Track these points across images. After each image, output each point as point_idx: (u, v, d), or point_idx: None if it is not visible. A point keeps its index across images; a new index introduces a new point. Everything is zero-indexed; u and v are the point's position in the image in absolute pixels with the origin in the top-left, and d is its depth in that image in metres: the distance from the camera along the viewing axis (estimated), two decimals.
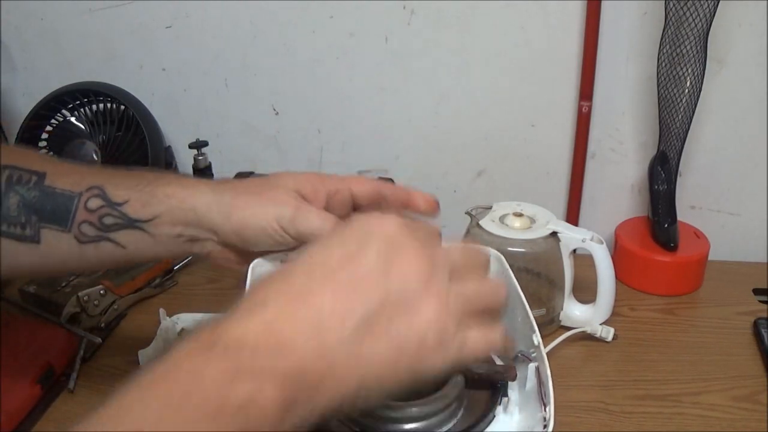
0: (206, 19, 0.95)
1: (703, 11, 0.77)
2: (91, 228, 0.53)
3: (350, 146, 1.00)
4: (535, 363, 0.51)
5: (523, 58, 0.92)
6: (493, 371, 0.50)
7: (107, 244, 0.54)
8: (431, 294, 0.39)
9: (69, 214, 0.53)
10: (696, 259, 0.88)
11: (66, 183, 0.53)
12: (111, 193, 0.53)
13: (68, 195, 0.53)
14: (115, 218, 0.53)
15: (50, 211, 0.53)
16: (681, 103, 0.83)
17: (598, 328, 0.77)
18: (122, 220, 0.53)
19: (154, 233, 0.53)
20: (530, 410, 0.50)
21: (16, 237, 0.53)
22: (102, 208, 0.53)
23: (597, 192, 0.98)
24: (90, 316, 0.77)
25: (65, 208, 0.53)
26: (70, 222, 0.53)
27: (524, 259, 0.76)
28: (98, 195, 0.53)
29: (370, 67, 0.95)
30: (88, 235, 0.53)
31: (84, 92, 0.91)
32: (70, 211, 0.53)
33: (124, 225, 0.53)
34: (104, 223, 0.53)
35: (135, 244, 0.54)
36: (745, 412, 0.68)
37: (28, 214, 0.53)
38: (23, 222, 0.53)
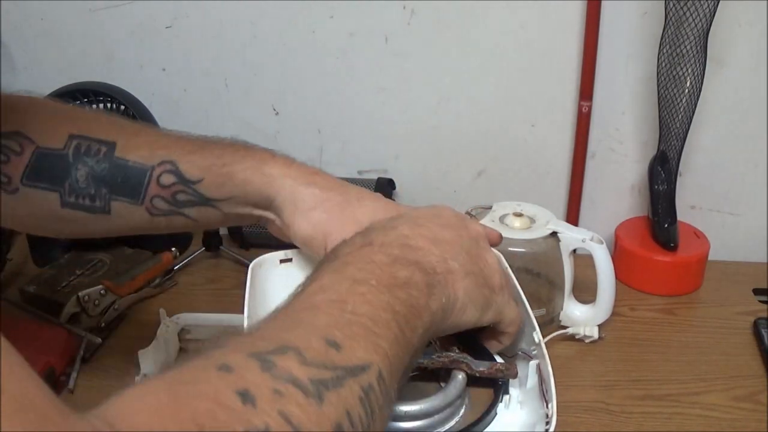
0: (206, 19, 0.95)
1: (703, 11, 0.77)
2: (163, 203, 0.53)
3: (350, 146, 1.00)
4: (536, 360, 0.51)
5: (523, 58, 0.92)
6: (494, 369, 0.50)
7: (179, 218, 0.54)
8: (489, 251, 0.51)
9: (141, 187, 0.52)
10: (696, 259, 0.88)
11: (137, 155, 0.52)
12: (184, 170, 0.52)
13: (140, 168, 0.52)
14: (188, 195, 0.53)
15: (121, 184, 0.52)
16: (681, 103, 0.83)
17: (581, 329, 0.77)
18: (195, 198, 0.53)
19: (225, 210, 0.54)
20: (532, 407, 0.50)
21: (85, 208, 0.52)
22: (175, 185, 0.52)
23: (597, 192, 0.98)
24: (90, 316, 0.77)
25: (137, 182, 0.52)
26: (141, 196, 0.52)
27: (524, 259, 0.76)
28: (171, 171, 0.52)
29: (370, 67, 0.95)
30: (160, 209, 0.53)
31: (84, 92, 0.91)
32: (142, 184, 0.52)
33: (197, 202, 0.53)
34: (177, 200, 0.53)
35: (205, 217, 0.54)
36: (745, 412, 0.68)
37: (98, 187, 0.52)
38: (92, 194, 0.52)
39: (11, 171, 0.52)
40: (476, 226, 0.52)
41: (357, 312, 0.37)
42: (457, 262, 0.46)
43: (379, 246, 0.43)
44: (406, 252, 0.44)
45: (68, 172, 0.52)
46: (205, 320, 0.80)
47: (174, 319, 0.78)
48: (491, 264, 0.50)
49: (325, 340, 0.34)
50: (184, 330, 0.78)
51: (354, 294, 0.38)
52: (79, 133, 0.52)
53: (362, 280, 0.40)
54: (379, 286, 0.40)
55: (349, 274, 0.40)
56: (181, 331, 0.78)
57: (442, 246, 0.46)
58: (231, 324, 0.78)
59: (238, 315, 0.52)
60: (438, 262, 0.45)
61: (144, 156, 0.52)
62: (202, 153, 0.54)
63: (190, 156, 0.53)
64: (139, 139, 0.54)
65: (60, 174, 0.52)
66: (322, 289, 0.39)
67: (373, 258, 0.42)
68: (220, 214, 0.54)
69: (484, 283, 0.48)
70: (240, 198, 0.54)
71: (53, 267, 0.87)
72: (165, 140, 0.54)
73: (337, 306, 0.37)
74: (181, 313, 0.79)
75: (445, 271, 0.45)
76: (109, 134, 0.53)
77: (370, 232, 0.45)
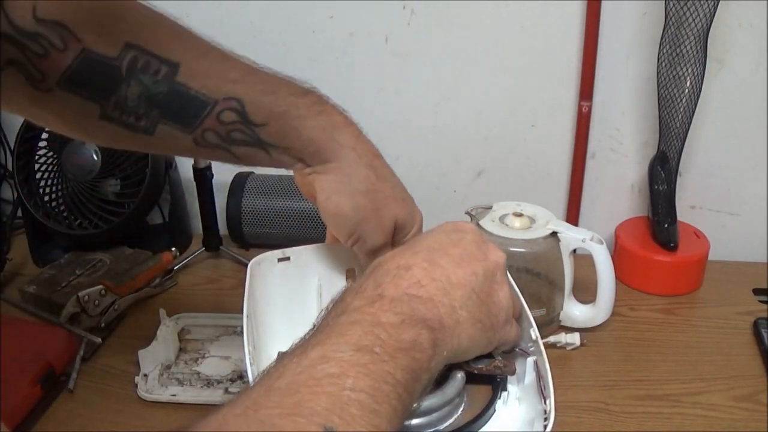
0: (206, 19, 0.95)
1: (703, 11, 0.77)
2: (215, 137, 0.49)
3: None
4: (534, 357, 0.51)
5: (523, 58, 0.92)
6: (492, 366, 0.50)
7: (224, 153, 0.51)
8: (505, 281, 0.49)
9: (197, 119, 0.48)
10: (696, 259, 0.88)
11: (202, 84, 0.47)
12: (251, 111, 0.49)
13: (202, 100, 0.47)
14: (246, 135, 0.50)
15: (176, 111, 0.47)
16: (681, 103, 0.83)
17: (562, 338, 0.76)
18: (252, 139, 0.50)
19: (275, 156, 0.52)
20: (530, 404, 0.50)
21: (126, 125, 0.47)
22: (235, 123, 0.49)
23: (597, 192, 0.98)
24: (90, 316, 0.77)
25: (194, 113, 0.48)
26: (195, 126, 0.48)
27: (524, 259, 0.76)
28: (235, 109, 0.48)
29: (370, 67, 0.95)
30: (209, 142, 0.49)
31: None
32: (199, 116, 0.48)
33: (252, 143, 0.50)
34: (231, 138, 0.49)
35: (252, 157, 0.52)
36: (745, 412, 0.68)
37: (148, 108, 0.47)
38: (140, 113, 0.47)
39: (47, 67, 0.44)
40: (496, 255, 0.49)
41: (357, 388, 0.37)
42: (466, 310, 0.45)
43: (389, 302, 0.42)
44: (415, 307, 0.43)
45: (118, 87, 0.46)
46: (205, 320, 0.80)
47: (174, 319, 0.78)
48: (501, 300, 0.48)
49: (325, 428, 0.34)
50: (184, 330, 0.78)
51: (355, 365, 0.38)
52: (137, 44, 0.45)
53: (366, 348, 0.39)
54: (382, 354, 0.39)
55: (353, 340, 0.39)
56: (181, 331, 0.78)
57: (453, 292, 0.45)
58: (231, 324, 0.79)
59: (238, 315, 0.52)
60: (446, 314, 0.44)
61: (209, 87, 0.48)
62: (275, 96, 0.50)
63: (260, 96, 0.49)
64: (207, 63, 0.49)
65: (108, 86, 0.46)
66: (324, 359, 0.38)
67: (380, 319, 0.41)
68: (268, 157, 0.52)
69: (489, 327, 0.47)
70: (296, 151, 0.52)
71: (53, 267, 0.87)
72: (236, 71, 0.50)
73: (337, 382, 0.37)
74: (181, 313, 0.79)
75: (452, 323, 0.44)
76: (174, 52, 0.47)
77: (383, 276, 0.44)
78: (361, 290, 0.44)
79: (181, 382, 0.71)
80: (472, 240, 0.49)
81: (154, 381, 0.70)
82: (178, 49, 0.47)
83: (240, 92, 0.49)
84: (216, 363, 0.74)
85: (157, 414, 0.66)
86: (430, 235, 0.50)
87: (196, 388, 0.70)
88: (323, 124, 0.52)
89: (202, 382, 0.71)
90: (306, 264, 0.59)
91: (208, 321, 0.79)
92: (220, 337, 0.77)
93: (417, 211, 0.59)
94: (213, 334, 0.78)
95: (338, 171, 0.53)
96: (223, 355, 0.75)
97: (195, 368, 0.73)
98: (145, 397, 0.68)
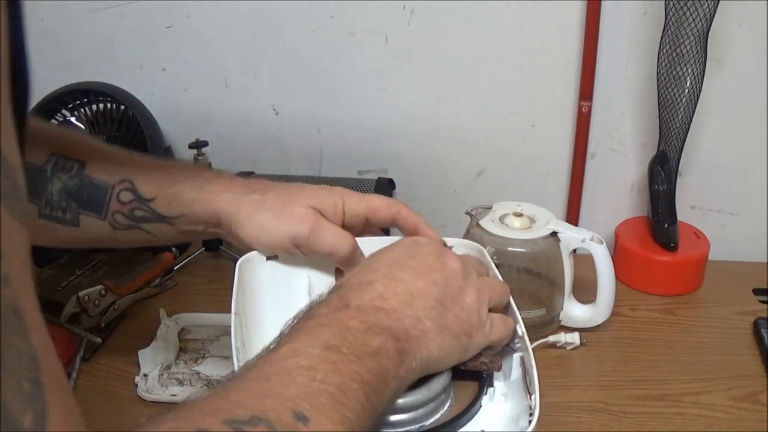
0: (206, 19, 0.95)
1: (703, 11, 0.77)
2: (123, 218, 0.58)
3: (350, 146, 1.00)
4: (520, 353, 0.51)
5: (523, 58, 0.92)
6: (478, 362, 0.50)
7: (138, 232, 0.58)
8: (470, 285, 0.50)
9: (104, 204, 0.57)
10: (696, 259, 0.88)
11: (102, 174, 0.57)
12: (140, 188, 0.57)
13: (103, 186, 0.57)
14: (144, 212, 0.57)
15: (87, 199, 0.57)
16: (681, 103, 0.83)
17: (562, 337, 0.76)
18: (150, 215, 0.57)
19: (180, 227, 0.58)
20: (516, 400, 0.50)
21: (57, 219, 0.58)
22: (132, 202, 0.57)
23: (597, 192, 0.98)
24: (90, 316, 0.77)
25: (100, 198, 0.57)
26: (104, 211, 0.57)
27: (524, 259, 0.76)
28: (129, 189, 0.57)
29: (370, 67, 0.95)
30: (121, 224, 0.58)
31: (84, 92, 0.91)
32: (104, 201, 0.57)
33: (152, 219, 0.57)
34: (135, 216, 0.57)
35: (163, 233, 0.58)
36: (745, 412, 0.68)
37: (68, 201, 0.57)
38: (64, 207, 0.57)
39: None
40: (454, 263, 0.50)
41: (326, 381, 0.38)
42: (431, 319, 0.46)
43: (355, 310, 0.44)
44: (380, 317, 0.44)
45: (45, 186, 0.57)
46: (205, 320, 0.80)
47: (174, 319, 0.78)
48: (469, 304, 0.49)
49: (294, 413, 0.36)
50: (184, 330, 0.78)
51: (325, 361, 0.40)
52: (56, 151, 0.58)
53: (334, 347, 0.41)
54: (350, 355, 0.41)
55: (323, 339, 0.41)
56: (181, 331, 0.78)
57: (415, 303, 0.46)
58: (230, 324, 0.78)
59: None
60: (411, 325, 0.45)
61: (108, 174, 0.57)
62: (157, 173, 0.58)
63: (145, 175, 0.58)
64: (106, 159, 0.59)
65: (39, 188, 0.57)
66: (295, 353, 0.40)
67: (347, 324, 0.43)
68: (176, 230, 0.58)
69: (460, 332, 0.48)
70: (190, 217, 0.57)
71: (53, 267, 0.87)
72: (126, 160, 0.59)
73: (307, 373, 0.38)
74: (181, 313, 0.79)
75: (418, 334, 0.45)
76: (82, 154, 0.58)
77: (347, 291, 0.46)
78: (326, 301, 0.46)
79: (181, 382, 0.71)
80: (430, 251, 0.51)
81: (154, 381, 0.70)
82: (86, 152, 0.58)
83: (131, 174, 0.58)
84: (216, 363, 0.74)
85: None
86: (389, 250, 0.52)
87: (196, 388, 0.70)
88: (197, 183, 0.57)
89: (202, 382, 0.71)
90: (295, 262, 0.59)
91: (208, 321, 0.79)
92: (220, 337, 0.77)
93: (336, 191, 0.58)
94: (213, 334, 0.78)
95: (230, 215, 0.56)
96: (223, 355, 0.75)
97: (195, 368, 0.73)
98: (145, 397, 0.68)
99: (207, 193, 0.57)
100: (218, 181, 0.58)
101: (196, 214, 0.57)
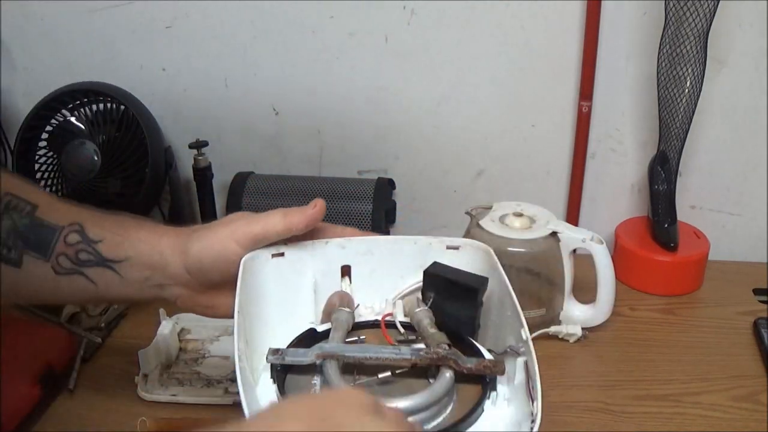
0: (206, 19, 0.95)
1: (703, 11, 0.77)
2: (67, 260, 0.57)
3: (350, 146, 1.00)
4: (524, 357, 0.51)
5: (523, 58, 0.92)
6: (481, 365, 0.50)
7: (80, 279, 0.57)
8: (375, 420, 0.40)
9: (50, 244, 0.56)
10: (696, 259, 0.88)
11: (53, 217, 0.57)
12: (89, 230, 0.57)
13: (52, 227, 0.57)
14: (89, 254, 0.57)
15: (34, 239, 0.56)
16: (681, 103, 0.83)
17: (564, 329, 0.76)
18: (95, 257, 0.57)
19: (123, 274, 0.57)
20: (519, 404, 0.50)
21: (2, 259, 0.56)
22: (79, 243, 0.57)
23: (597, 192, 0.98)
24: (90, 316, 0.77)
25: (47, 239, 0.57)
26: (50, 252, 0.56)
27: (524, 259, 0.76)
28: (77, 231, 0.57)
29: (370, 67, 0.95)
30: (64, 267, 0.57)
31: (84, 92, 0.91)
32: (51, 242, 0.56)
33: (96, 262, 0.57)
34: (79, 258, 0.57)
35: (105, 282, 0.57)
36: (745, 412, 0.68)
37: (15, 239, 0.56)
38: (10, 245, 0.56)
39: None
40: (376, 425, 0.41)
41: None
42: None
43: None
44: None
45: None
46: (205, 320, 0.79)
47: (174, 319, 0.78)
48: None
49: None
50: (184, 330, 0.78)
51: None
52: (9, 191, 0.58)
53: None
54: None
55: None
56: (181, 331, 0.78)
57: None
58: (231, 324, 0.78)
59: None
60: None
61: (59, 217, 0.57)
62: (110, 218, 0.59)
63: (97, 219, 0.58)
64: (59, 204, 0.59)
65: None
66: None
67: None
68: (119, 278, 0.57)
69: None
70: (135, 260, 0.56)
71: None
72: (81, 208, 0.59)
73: None
74: (181, 313, 0.79)
75: None
76: (36, 198, 0.58)
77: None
78: None
79: (181, 382, 0.71)
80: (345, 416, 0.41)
81: (154, 381, 0.70)
82: (39, 196, 0.59)
83: (81, 218, 0.58)
84: (216, 363, 0.74)
85: (157, 414, 0.66)
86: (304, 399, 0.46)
87: (196, 388, 0.70)
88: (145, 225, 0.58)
89: (202, 382, 0.71)
90: (300, 260, 0.59)
91: (208, 321, 0.79)
92: (220, 337, 0.77)
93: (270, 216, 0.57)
94: (213, 334, 0.78)
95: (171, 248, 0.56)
96: (223, 355, 0.75)
97: (195, 368, 0.73)
98: (145, 397, 0.68)
99: (152, 233, 0.57)
100: (163, 226, 0.58)
101: (141, 255, 0.56)
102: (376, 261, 0.60)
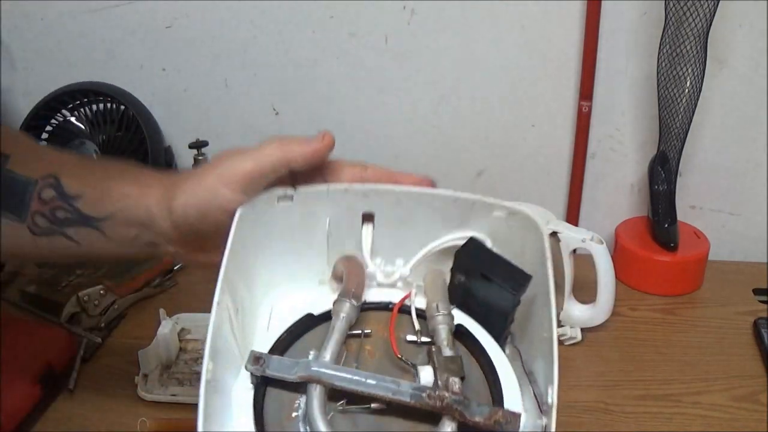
0: (206, 19, 0.95)
1: (703, 11, 0.77)
2: (43, 220, 0.50)
3: (350, 146, 1.00)
4: (545, 421, 0.42)
5: (523, 58, 0.92)
6: (491, 420, 0.42)
7: (60, 239, 0.50)
8: None
9: (24, 203, 0.50)
10: (696, 259, 0.88)
11: (26, 168, 0.50)
12: (65, 183, 0.50)
13: (25, 181, 0.50)
14: (66, 212, 0.49)
15: (8, 197, 0.50)
16: (681, 103, 0.83)
17: (566, 331, 0.76)
18: (73, 215, 0.50)
19: (108, 233, 0.50)
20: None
21: None
22: (54, 200, 0.49)
23: (597, 192, 0.98)
24: (90, 316, 0.77)
25: (21, 196, 0.50)
26: (25, 213, 0.50)
27: None
28: (52, 185, 0.50)
29: (370, 67, 0.95)
30: (41, 227, 0.50)
31: (84, 92, 0.91)
32: (24, 199, 0.50)
33: (75, 221, 0.50)
34: (57, 217, 0.50)
35: (90, 242, 0.50)
36: (745, 412, 0.68)
37: None
38: None
39: None
40: None
41: None
42: None
43: None
44: None
45: None
46: (205, 320, 0.79)
47: (174, 319, 0.78)
48: None
49: None
50: (184, 330, 0.78)
51: None
52: None
53: None
54: None
55: None
56: (181, 331, 0.78)
57: None
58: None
59: None
60: None
61: (33, 169, 0.50)
62: (88, 167, 0.52)
63: (73, 170, 0.51)
64: (32, 153, 0.53)
65: None
66: None
67: None
68: (104, 237, 0.50)
69: None
70: (120, 217, 0.49)
71: (53, 267, 0.87)
72: (56, 157, 0.52)
73: None
74: (181, 313, 0.79)
75: None
76: (7, 147, 0.51)
77: None
78: None
79: (181, 382, 0.71)
80: None
81: (154, 381, 0.70)
82: (11, 146, 0.52)
83: (56, 170, 0.50)
84: None
85: (157, 414, 0.66)
86: None
87: (196, 388, 0.70)
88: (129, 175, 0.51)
89: None
90: (312, 204, 0.49)
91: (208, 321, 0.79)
92: None
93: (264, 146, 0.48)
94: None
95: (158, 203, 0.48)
96: None
97: (195, 368, 0.73)
98: (145, 397, 0.68)
99: (138, 186, 0.49)
100: (149, 177, 0.50)
101: (126, 211, 0.49)
102: (404, 215, 0.51)
